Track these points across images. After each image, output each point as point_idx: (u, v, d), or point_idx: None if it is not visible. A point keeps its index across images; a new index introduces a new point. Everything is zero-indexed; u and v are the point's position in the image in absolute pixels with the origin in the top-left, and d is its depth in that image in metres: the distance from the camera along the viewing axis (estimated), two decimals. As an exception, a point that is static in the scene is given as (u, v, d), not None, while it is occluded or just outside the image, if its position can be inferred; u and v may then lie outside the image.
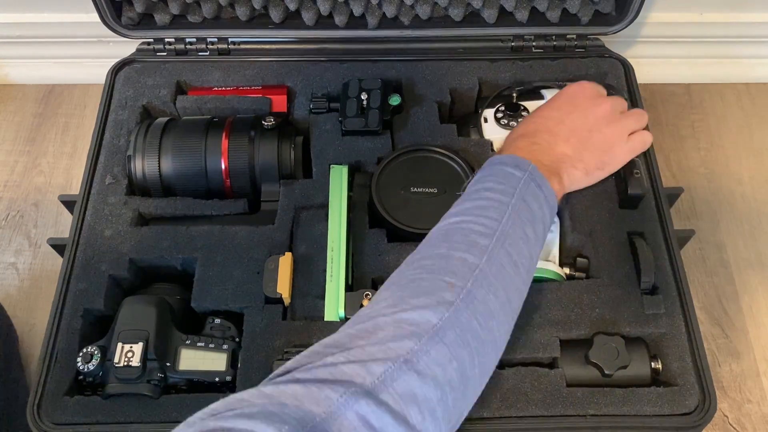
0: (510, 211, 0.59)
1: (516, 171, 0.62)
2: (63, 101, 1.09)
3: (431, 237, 0.61)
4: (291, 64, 0.88)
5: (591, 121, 0.70)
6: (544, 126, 0.69)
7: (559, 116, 0.70)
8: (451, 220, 0.61)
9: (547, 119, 0.70)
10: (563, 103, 0.71)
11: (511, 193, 0.61)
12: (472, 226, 0.59)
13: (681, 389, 0.67)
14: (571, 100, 0.71)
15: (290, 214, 0.76)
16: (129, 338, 0.66)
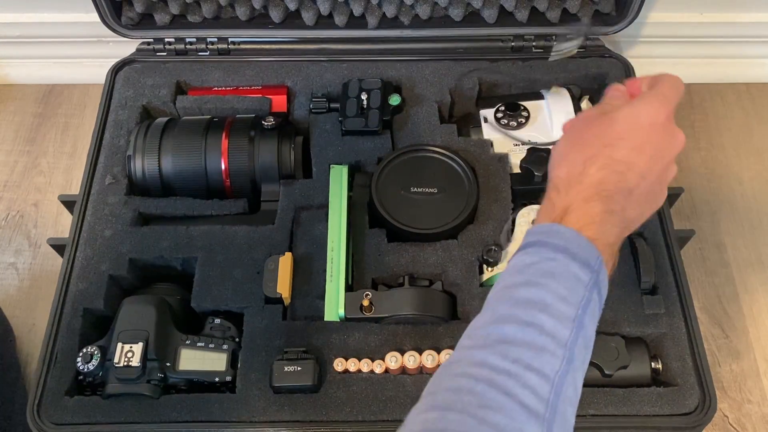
0: (566, 357, 0.47)
1: (583, 273, 0.50)
2: (63, 101, 1.08)
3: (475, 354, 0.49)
4: (291, 64, 0.88)
5: (666, 167, 0.58)
6: (623, 182, 0.53)
7: (642, 166, 0.54)
8: (495, 350, 0.48)
9: (629, 169, 0.53)
10: (645, 142, 0.55)
11: (571, 318, 0.48)
12: (523, 377, 0.46)
13: (681, 389, 0.67)
14: (654, 135, 0.55)
15: (290, 214, 0.76)
16: (129, 338, 0.66)
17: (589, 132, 0.56)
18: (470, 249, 0.73)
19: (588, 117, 0.58)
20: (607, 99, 0.61)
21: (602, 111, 0.57)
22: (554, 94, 0.83)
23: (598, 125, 0.56)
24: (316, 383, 0.65)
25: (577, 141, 0.56)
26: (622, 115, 0.55)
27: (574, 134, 0.58)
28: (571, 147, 0.56)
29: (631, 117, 0.55)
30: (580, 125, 0.58)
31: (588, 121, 0.57)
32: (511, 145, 0.81)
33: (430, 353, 0.67)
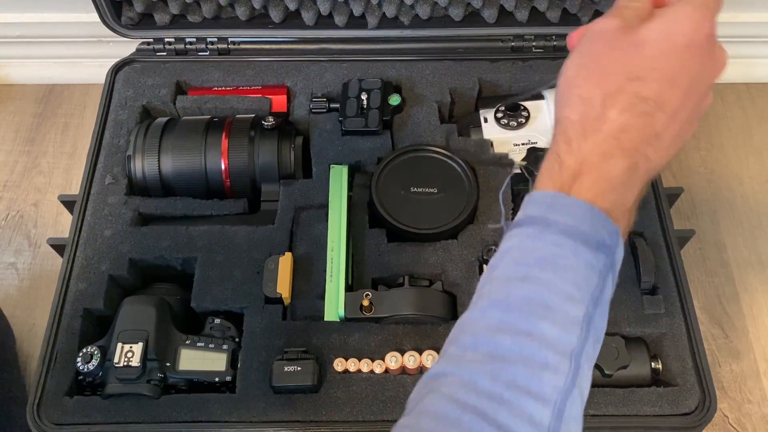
0: (571, 370, 0.41)
1: (596, 257, 0.42)
2: (63, 101, 1.08)
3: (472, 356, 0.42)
4: (291, 64, 0.88)
5: (702, 98, 0.49)
6: (651, 126, 0.44)
7: (675, 102, 0.45)
8: (496, 340, 0.41)
9: (659, 108, 0.44)
10: (681, 71, 0.45)
11: (579, 321, 0.42)
12: (518, 405, 0.39)
13: (681, 389, 0.67)
14: (691, 60, 0.45)
15: (290, 214, 0.76)
16: (129, 338, 0.66)
17: (608, 56, 0.45)
18: (470, 249, 0.73)
19: (606, 32, 0.46)
20: (625, 2, 0.48)
21: (624, 24, 0.45)
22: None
23: (620, 47, 0.44)
24: (316, 383, 0.65)
25: (593, 67, 0.45)
26: (653, 35, 0.44)
27: (588, 57, 0.46)
28: (585, 76, 0.45)
29: (664, 37, 0.44)
30: (597, 44, 0.46)
31: (607, 39, 0.45)
32: (511, 145, 0.81)
33: (430, 353, 0.67)
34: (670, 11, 0.46)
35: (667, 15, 0.45)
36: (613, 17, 0.47)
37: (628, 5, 0.47)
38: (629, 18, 0.46)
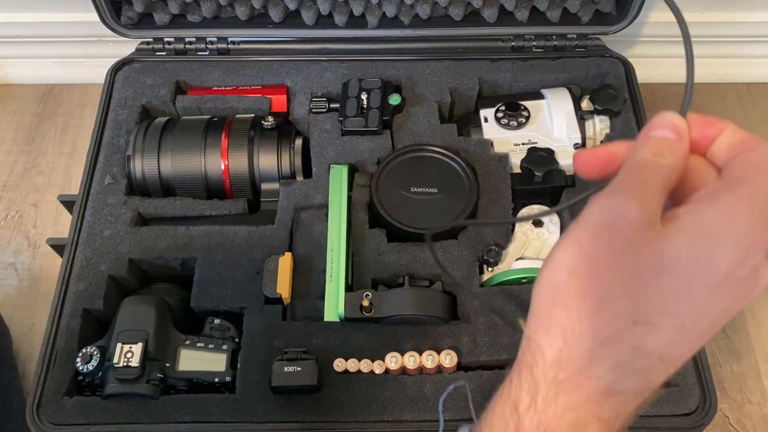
0: None
1: None
2: (62, 101, 1.08)
3: None
4: (291, 64, 0.88)
5: (725, 320, 0.35)
6: (646, 383, 0.36)
7: (686, 351, 0.35)
8: None
9: (661, 360, 0.34)
10: (707, 310, 0.33)
11: None
12: None
13: (681, 389, 0.67)
14: (726, 293, 0.33)
15: (290, 214, 0.76)
16: (128, 338, 0.66)
17: (615, 275, 0.33)
18: (470, 249, 0.73)
19: (619, 230, 0.33)
20: (655, 158, 0.35)
21: (647, 219, 0.33)
22: (555, 94, 0.83)
23: (633, 265, 0.32)
24: (316, 383, 0.65)
25: (591, 286, 0.33)
26: (682, 258, 0.32)
27: (588, 264, 0.33)
28: (578, 295, 0.33)
29: (696, 265, 0.32)
30: (604, 247, 0.33)
31: (619, 244, 0.33)
32: (511, 145, 0.81)
33: (430, 353, 0.67)
34: (714, 214, 0.32)
35: (708, 223, 0.32)
36: (634, 201, 0.33)
37: (659, 170, 0.34)
38: (655, 207, 0.33)
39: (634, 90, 0.86)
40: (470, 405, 0.60)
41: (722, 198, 0.33)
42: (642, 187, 0.34)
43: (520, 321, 0.63)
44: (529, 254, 0.74)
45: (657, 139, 0.36)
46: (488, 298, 0.68)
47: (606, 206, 0.34)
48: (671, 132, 0.36)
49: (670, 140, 0.36)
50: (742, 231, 0.32)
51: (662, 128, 0.36)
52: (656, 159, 0.35)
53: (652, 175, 0.34)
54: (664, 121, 0.36)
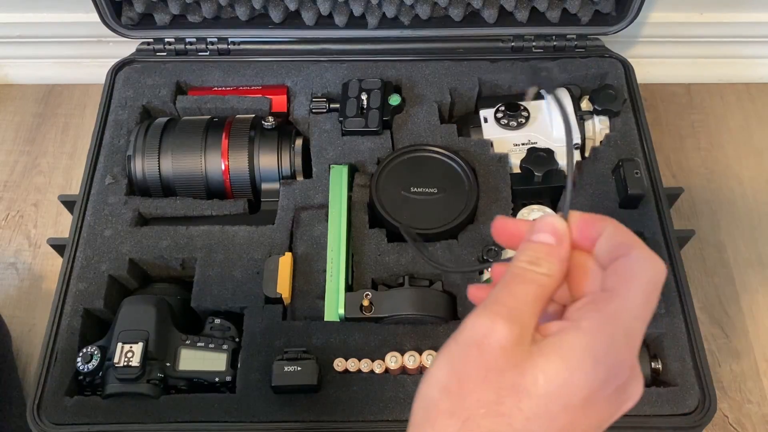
0: None
1: None
2: (63, 101, 1.08)
3: None
4: (291, 64, 0.88)
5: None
6: None
7: None
8: None
9: None
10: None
11: None
12: None
13: (681, 389, 0.67)
14: (585, 422, 0.34)
15: (290, 214, 0.76)
16: (129, 338, 0.66)
17: (479, 395, 0.33)
18: (470, 249, 0.73)
19: (488, 349, 0.34)
20: (531, 276, 0.36)
21: (516, 339, 0.34)
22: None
23: (497, 385, 0.33)
24: (316, 383, 0.65)
25: (457, 406, 0.34)
26: (543, 383, 0.33)
27: (457, 383, 0.34)
28: (445, 413, 0.34)
29: (557, 390, 0.33)
30: (472, 366, 0.34)
31: (486, 363, 0.33)
32: (511, 145, 0.81)
33: (430, 353, 0.67)
34: (576, 338, 0.33)
35: (569, 348, 0.33)
36: (502, 321, 0.34)
37: (534, 280, 0.36)
38: (525, 322, 0.34)
39: (634, 90, 0.86)
40: None
41: (587, 319, 0.34)
42: (512, 302, 0.35)
43: None
44: (529, 254, 0.74)
45: (535, 246, 0.37)
46: (408, 231, 0.65)
47: (476, 325, 0.35)
48: (551, 236, 0.37)
49: (549, 246, 0.37)
50: (601, 356, 0.33)
51: (542, 232, 0.37)
52: (531, 268, 0.36)
53: (525, 287, 0.35)
54: (544, 225, 0.37)
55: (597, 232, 0.37)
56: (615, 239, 0.37)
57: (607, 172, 0.79)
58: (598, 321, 0.34)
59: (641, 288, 0.35)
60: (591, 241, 0.37)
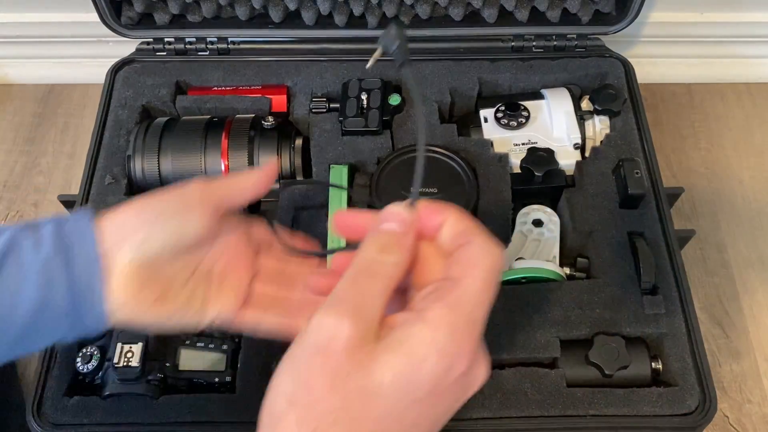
0: None
1: None
2: (63, 101, 1.08)
3: None
4: (291, 64, 0.88)
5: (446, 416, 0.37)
6: None
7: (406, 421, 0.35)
8: None
9: None
10: (423, 421, 0.35)
11: None
12: None
13: (681, 389, 0.67)
14: (436, 410, 0.36)
15: (290, 214, 0.76)
16: (128, 338, 0.66)
17: (327, 403, 0.33)
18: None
19: (331, 352, 0.34)
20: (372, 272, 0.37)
21: (359, 336, 0.34)
22: (555, 94, 0.83)
23: (344, 390, 0.33)
24: None
25: (306, 413, 0.33)
26: (389, 379, 0.33)
27: (302, 391, 0.34)
28: (295, 422, 0.33)
29: (404, 385, 0.33)
30: (315, 372, 0.34)
31: (330, 367, 0.34)
32: (511, 145, 0.81)
33: (430, 353, 0.67)
34: (419, 331, 0.34)
35: (413, 342, 0.34)
36: (348, 319, 0.34)
37: (383, 270, 0.36)
38: (372, 317, 0.35)
39: (634, 90, 0.86)
40: None
41: (431, 309, 0.35)
42: (360, 297, 0.36)
43: None
44: (529, 254, 0.74)
45: (384, 234, 0.38)
46: None
47: (321, 326, 0.35)
48: (398, 224, 0.38)
49: (397, 234, 0.38)
50: (444, 345, 0.34)
51: (389, 221, 0.39)
52: (381, 257, 0.37)
53: (373, 279, 0.36)
54: (390, 214, 0.39)
55: (440, 221, 0.39)
56: (457, 227, 0.38)
57: (607, 171, 0.79)
58: (441, 311, 0.35)
59: (482, 275, 0.37)
60: (434, 229, 0.39)
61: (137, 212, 0.48)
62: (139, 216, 0.48)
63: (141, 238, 0.47)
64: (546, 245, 0.74)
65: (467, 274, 0.37)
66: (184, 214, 0.48)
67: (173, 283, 0.49)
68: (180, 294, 0.49)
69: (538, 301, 0.70)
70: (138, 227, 0.47)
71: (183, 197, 0.49)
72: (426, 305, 0.36)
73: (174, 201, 0.49)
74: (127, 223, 0.47)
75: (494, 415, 0.65)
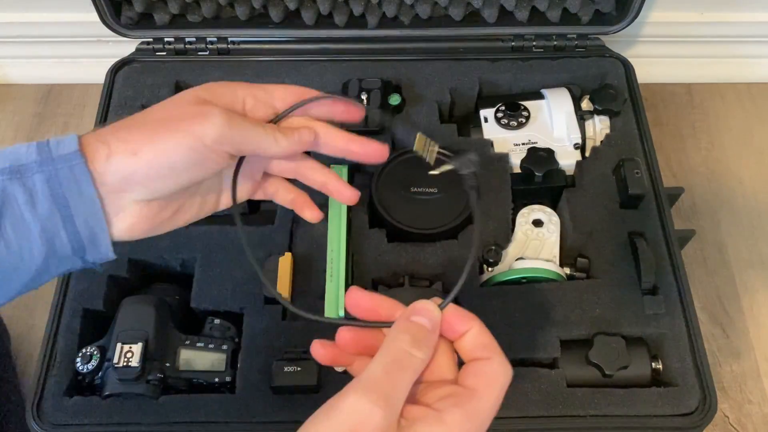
0: None
1: None
2: (62, 101, 1.08)
3: None
4: (291, 64, 0.88)
5: None
6: None
7: None
8: None
9: None
10: None
11: None
12: None
13: (681, 389, 0.67)
14: None
15: (290, 214, 0.76)
16: (128, 338, 0.66)
17: None
18: (470, 249, 0.73)
19: None
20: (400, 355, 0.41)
21: (390, 419, 0.38)
22: (555, 94, 0.83)
23: None
24: (316, 383, 0.65)
25: None
26: None
27: None
28: None
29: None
30: None
31: None
32: (512, 145, 0.81)
33: (430, 353, 0.67)
34: (439, 429, 0.39)
35: None
36: (380, 408, 0.38)
37: (412, 366, 0.40)
38: (398, 407, 0.39)
39: (634, 90, 0.86)
40: None
41: (450, 413, 0.39)
42: (392, 389, 0.39)
43: None
44: (529, 254, 0.74)
45: (416, 326, 0.41)
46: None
47: (355, 409, 0.39)
48: (428, 321, 0.42)
49: (427, 330, 0.41)
50: None
51: (422, 316, 0.42)
52: (412, 352, 0.40)
53: (404, 373, 0.40)
54: (423, 309, 0.42)
55: (466, 329, 0.42)
56: (480, 339, 0.42)
57: (607, 171, 0.79)
58: (460, 417, 0.39)
59: (497, 393, 0.41)
60: (457, 333, 0.42)
61: (147, 164, 0.46)
62: (148, 168, 0.46)
63: (150, 189, 0.47)
64: (546, 245, 0.74)
65: (487, 389, 0.40)
66: (200, 168, 0.48)
67: (184, 202, 0.51)
68: (193, 204, 0.52)
69: (538, 301, 0.70)
70: (146, 180, 0.46)
71: (198, 145, 0.46)
72: (445, 408, 0.39)
73: (188, 150, 0.46)
74: (135, 174, 0.46)
75: (494, 415, 0.65)
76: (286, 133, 0.51)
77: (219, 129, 0.46)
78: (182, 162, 0.47)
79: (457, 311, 0.43)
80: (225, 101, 0.50)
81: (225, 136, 0.47)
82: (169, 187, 0.48)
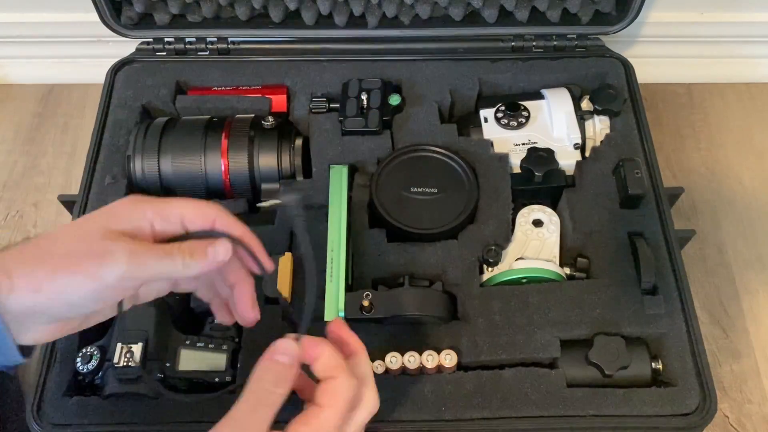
0: None
1: None
2: (62, 101, 1.08)
3: None
4: (291, 64, 0.88)
5: None
6: None
7: None
8: None
9: None
10: None
11: None
12: None
13: (681, 389, 0.67)
14: None
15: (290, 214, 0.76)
16: (128, 338, 0.66)
17: None
18: (470, 249, 0.73)
19: None
20: None
21: None
22: (555, 94, 0.83)
23: None
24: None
25: None
26: None
27: None
28: None
29: None
30: None
31: None
32: (512, 145, 0.81)
33: (430, 353, 0.67)
34: None
35: None
36: None
37: (275, 402, 0.47)
38: None
39: (634, 90, 0.86)
40: None
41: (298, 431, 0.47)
42: (257, 424, 0.46)
43: None
44: (529, 254, 0.74)
45: (277, 366, 0.49)
46: None
47: None
48: (288, 358, 0.49)
49: (287, 366, 0.48)
50: None
51: (282, 353, 0.49)
52: (275, 390, 0.47)
53: (268, 409, 0.47)
54: (282, 347, 0.49)
55: (317, 354, 0.49)
56: (331, 362, 0.49)
57: (607, 172, 0.79)
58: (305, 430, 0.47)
59: (341, 404, 0.48)
60: (313, 359, 0.49)
61: (48, 300, 0.46)
62: (50, 304, 0.46)
63: (55, 316, 0.47)
64: (546, 245, 0.74)
65: (330, 403, 0.48)
66: (103, 301, 0.48)
67: (95, 313, 0.50)
68: (104, 311, 0.51)
69: (538, 301, 0.70)
70: (50, 311, 0.47)
71: (99, 286, 0.46)
72: (295, 427, 0.47)
73: (89, 291, 0.47)
74: (37, 307, 0.46)
75: (494, 415, 0.65)
76: (197, 255, 0.50)
77: (121, 269, 0.46)
78: (83, 299, 0.47)
79: (310, 341, 0.49)
80: (132, 226, 0.49)
81: (128, 274, 0.47)
82: (73, 315, 0.49)
